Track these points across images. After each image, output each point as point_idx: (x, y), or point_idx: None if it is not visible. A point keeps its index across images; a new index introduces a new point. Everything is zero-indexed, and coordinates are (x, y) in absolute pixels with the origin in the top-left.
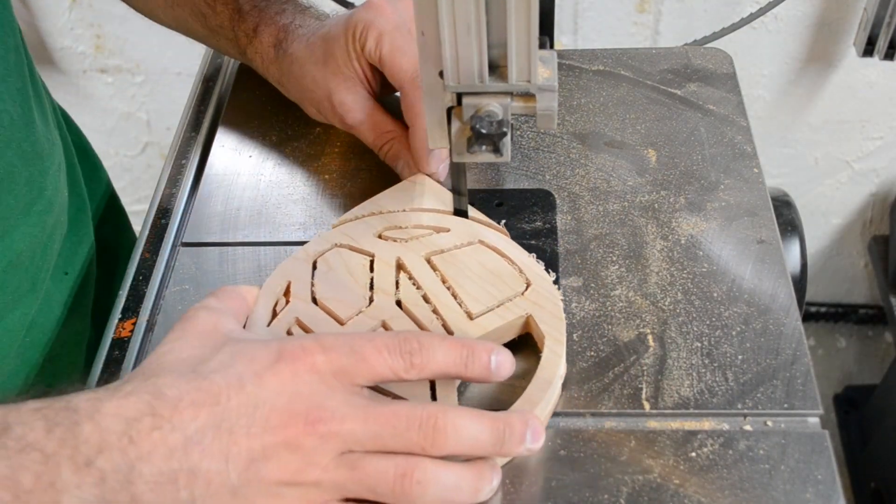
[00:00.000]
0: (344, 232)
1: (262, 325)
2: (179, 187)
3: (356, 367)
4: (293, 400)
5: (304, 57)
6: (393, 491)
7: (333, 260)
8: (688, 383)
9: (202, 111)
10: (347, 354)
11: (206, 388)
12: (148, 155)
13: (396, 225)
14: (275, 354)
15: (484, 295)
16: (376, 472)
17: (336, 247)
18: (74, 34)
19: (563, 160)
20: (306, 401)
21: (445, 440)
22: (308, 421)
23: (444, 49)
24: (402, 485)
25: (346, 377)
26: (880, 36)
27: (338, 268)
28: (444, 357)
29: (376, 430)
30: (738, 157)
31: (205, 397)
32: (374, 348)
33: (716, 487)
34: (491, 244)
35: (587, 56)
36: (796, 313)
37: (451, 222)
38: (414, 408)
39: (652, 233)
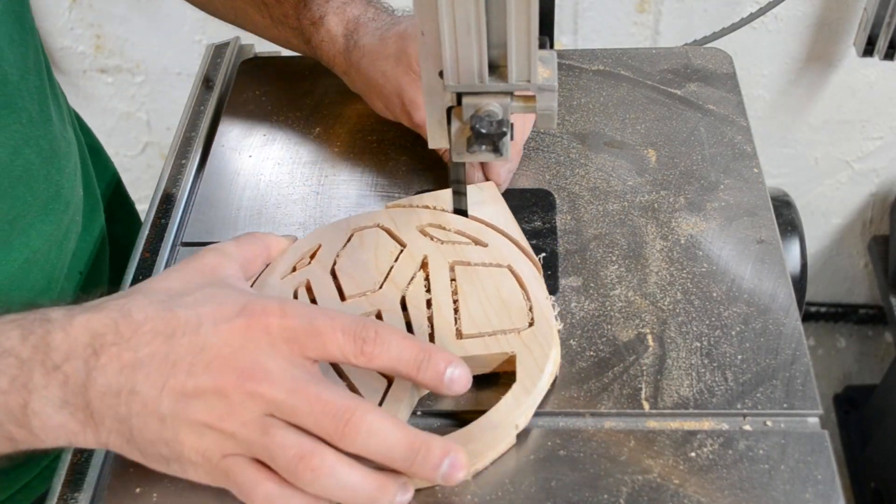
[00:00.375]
0: (391, 216)
1: (277, 276)
2: (179, 187)
3: (308, 339)
4: (237, 353)
5: (377, 51)
6: (287, 468)
7: (368, 238)
8: (687, 383)
9: (202, 111)
10: (304, 325)
11: (168, 319)
12: (148, 155)
13: (442, 224)
14: (239, 307)
15: (482, 319)
16: (281, 445)
17: (377, 227)
18: (74, 34)
19: (563, 160)
20: (248, 357)
21: (355, 438)
22: (241, 375)
23: (444, 49)
24: (297, 466)
25: (297, 347)
26: (880, 36)
27: (368, 247)
28: (397, 353)
29: (296, 404)
30: (738, 157)
31: (164, 327)
32: (331, 326)
33: (715, 487)
34: (518, 273)
35: (587, 56)
36: (796, 313)
37: (493, 239)
38: (339, 397)
39: (652, 233)
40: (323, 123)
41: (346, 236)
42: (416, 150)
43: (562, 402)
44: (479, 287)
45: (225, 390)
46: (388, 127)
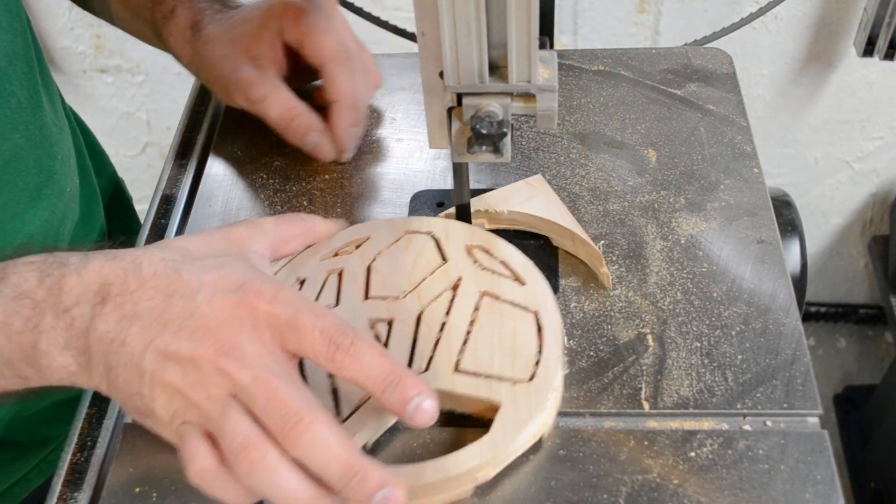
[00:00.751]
0: (447, 226)
1: (318, 257)
2: (179, 187)
3: (287, 331)
4: (222, 327)
5: (217, 37)
6: (230, 453)
7: (415, 244)
8: (687, 383)
9: (202, 111)
10: (287, 316)
11: (172, 279)
12: (148, 155)
13: (490, 250)
14: (239, 283)
15: (486, 359)
16: (231, 429)
17: (429, 234)
18: (74, 34)
19: (563, 160)
20: (230, 334)
21: (296, 443)
22: (218, 351)
23: (444, 49)
24: (239, 455)
25: (278, 336)
26: (880, 36)
27: (411, 253)
28: (367, 368)
29: (256, 393)
30: (738, 157)
31: (166, 286)
32: (312, 325)
33: (715, 487)
34: (541, 322)
35: (587, 56)
36: (796, 313)
37: (534, 280)
38: (296, 399)
39: (652, 233)
40: None
41: (397, 236)
42: (417, 150)
43: (562, 402)
44: (498, 325)
45: (200, 361)
46: (388, 127)
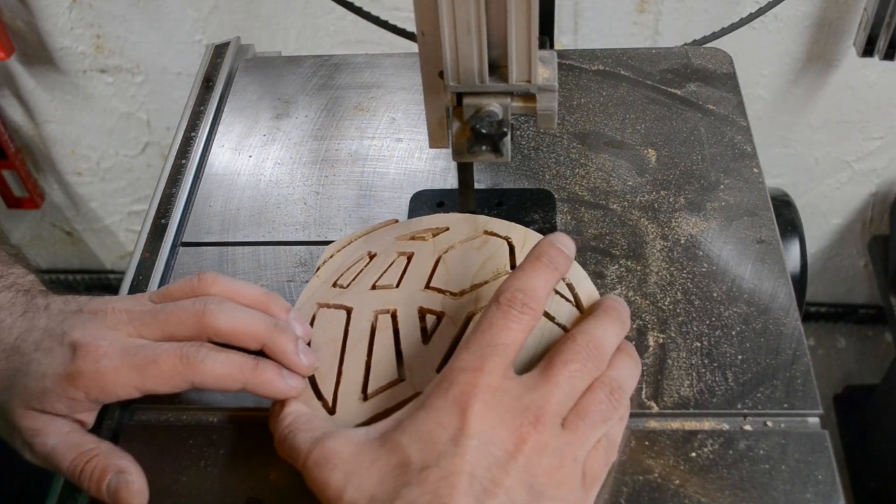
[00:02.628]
0: (523, 236)
1: (393, 236)
2: (179, 187)
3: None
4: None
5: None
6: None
7: (490, 246)
8: (688, 383)
9: (202, 111)
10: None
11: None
12: (148, 155)
13: (566, 277)
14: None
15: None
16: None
17: (506, 240)
18: (74, 34)
19: (563, 160)
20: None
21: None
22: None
23: (445, 49)
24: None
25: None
26: (880, 36)
27: (483, 254)
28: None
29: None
30: (738, 157)
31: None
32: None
33: (716, 487)
34: None
35: (587, 56)
36: (796, 313)
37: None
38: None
39: (652, 233)
40: (323, 123)
41: (475, 234)
42: (417, 150)
43: None
44: (539, 344)
45: (100, 310)
46: (388, 127)
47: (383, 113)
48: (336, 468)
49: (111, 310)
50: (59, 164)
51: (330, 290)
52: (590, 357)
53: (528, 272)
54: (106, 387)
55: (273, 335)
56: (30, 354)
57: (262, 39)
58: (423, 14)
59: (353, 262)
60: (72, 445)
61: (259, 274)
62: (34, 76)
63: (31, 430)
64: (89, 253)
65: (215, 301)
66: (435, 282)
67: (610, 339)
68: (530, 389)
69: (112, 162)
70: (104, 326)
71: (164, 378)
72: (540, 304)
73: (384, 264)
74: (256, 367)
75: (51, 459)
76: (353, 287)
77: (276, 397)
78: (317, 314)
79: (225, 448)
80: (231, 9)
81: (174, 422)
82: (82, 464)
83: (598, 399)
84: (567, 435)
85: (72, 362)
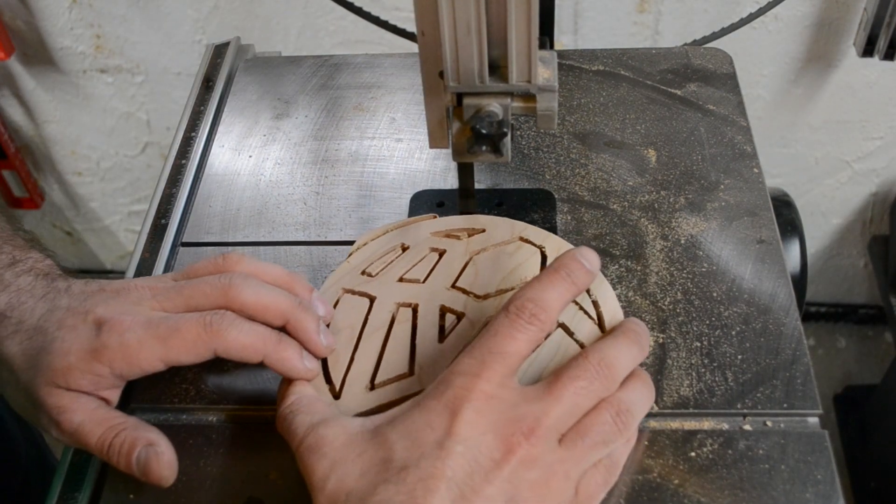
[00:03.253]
0: (558, 247)
1: (428, 231)
2: (179, 187)
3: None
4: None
5: (19, 363)
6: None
7: (522, 253)
8: (687, 383)
9: (202, 111)
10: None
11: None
12: (148, 155)
13: (591, 291)
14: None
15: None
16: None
17: (539, 249)
18: (74, 34)
19: (563, 160)
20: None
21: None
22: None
23: (445, 49)
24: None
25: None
26: (880, 36)
27: (515, 260)
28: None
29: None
30: (738, 157)
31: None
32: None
33: (715, 487)
34: None
35: (587, 56)
36: (796, 313)
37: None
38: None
39: (652, 233)
40: (323, 123)
41: (510, 239)
42: (417, 150)
43: None
44: (554, 357)
45: (123, 288)
46: (388, 127)
47: (383, 113)
48: (325, 456)
49: (134, 287)
50: (59, 164)
51: (358, 276)
52: (598, 376)
53: (543, 283)
54: (131, 360)
55: (296, 312)
56: (53, 333)
57: (262, 39)
58: (423, 14)
59: (384, 251)
60: (99, 421)
61: None
62: (34, 76)
63: (56, 407)
64: (89, 253)
65: (240, 276)
66: (461, 282)
67: (624, 361)
68: (529, 401)
69: (112, 162)
70: (128, 302)
71: (187, 347)
72: (550, 316)
73: (415, 258)
74: (280, 341)
75: (77, 436)
76: (381, 277)
77: (290, 376)
78: (340, 299)
79: (225, 448)
80: (231, 9)
81: (174, 422)
82: (110, 438)
83: (602, 419)
84: (562, 451)
85: (96, 337)
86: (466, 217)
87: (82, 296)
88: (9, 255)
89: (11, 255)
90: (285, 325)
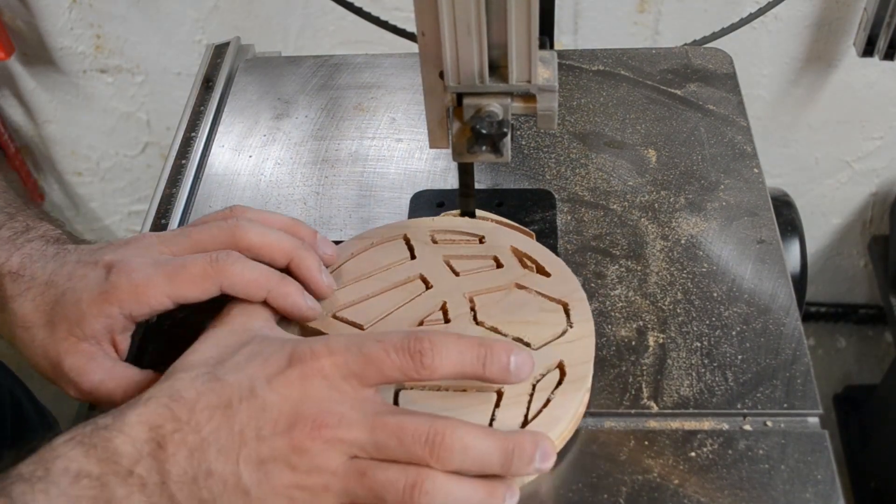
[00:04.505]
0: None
1: (427, 234)
2: (179, 187)
3: (364, 369)
4: (300, 404)
5: (29, 319)
6: (403, 501)
7: (521, 299)
8: (687, 383)
9: (202, 111)
10: (355, 356)
11: (220, 390)
12: (148, 155)
13: None
14: (286, 358)
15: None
16: (386, 481)
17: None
18: (74, 34)
19: (563, 160)
20: (314, 405)
21: (451, 456)
22: (314, 425)
23: (445, 49)
24: (412, 495)
25: (356, 379)
26: (880, 36)
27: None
28: (458, 357)
29: (382, 439)
30: (738, 157)
31: (218, 399)
32: (383, 349)
33: (715, 487)
34: None
35: (587, 56)
36: (796, 313)
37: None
38: (422, 421)
39: (652, 233)
40: (323, 123)
41: (507, 285)
42: (417, 150)
43: None
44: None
45: (302, 445)
46: (388, 127)
47: (383, 113)
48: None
49: (142, 236)
50: (59, 164)
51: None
52: (429, 443)
53: (462, 343)
54: (140, 297)
55: (299, 251)
56: (64, 285)
57: (262, 39)
58: (423, 14)
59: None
60: (119, 378)
61: None
62: (34, 76)
63: (75, 368)
64: None
65: (246, 219)
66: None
67: (473, 454)
68: (353, 410)
69: (112, 162)
70: (136, 248)
71: (194, 282)
72: (436, 372)
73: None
74: (283, 279)
75: (97, 394)
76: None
77: (292, 313)
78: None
79: None
80: (231, 9)
81: None
82: (133, 394)
83: (392, 480)
84: (342, 469)
85: (106, 280)
86: (470, 221)
87: (91, 250)
88: (23, 223)
89: (25, 223)
90: (289, 263)
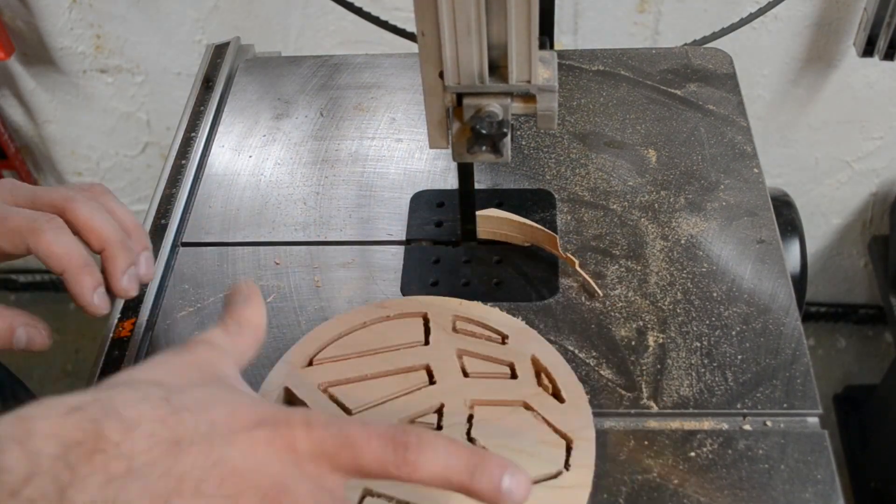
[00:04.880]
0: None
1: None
2: (179, 187)
3: (340, 450)
4: (256, 472)
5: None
6: None
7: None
8: (687, 383)
9: (202, 111)
10: (332, 436)
11: (171, 421)
12: (148, 155)
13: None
14: (257, 416)
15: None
16: None
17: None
18: (74, 34)
19: (563, 160)
20: (269, 477)
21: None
22: (263, 499)
23: (445, 49)
24: None
25: (326, 462)
26: (880, 36)
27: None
28: (446, 460)
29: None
30: (738, 157)
31: (166, 431)
32: (365, 434)
33: (715, 487)
34: None
35: (587, 56)
36: (796, 313)
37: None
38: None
39: (652, 233)
40: (323, 123)
41: (515, 401)
42: (417, 150)
43: None
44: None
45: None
46: (388, 127)
47: (383, 113)
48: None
49: (5, 181)
50: (59, 164)
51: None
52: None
53: (457, 450)
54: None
55: (115, 246)
56: None
57: (262, 39)
58: (423, 14)
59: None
60: None
61: (259, 274)
62: (34, 76)
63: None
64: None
65: (88, 197)
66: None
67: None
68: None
69: (112, 162)
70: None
71: (7, 234)
72: (421, 474)
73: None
74: (84, 266)
75: None
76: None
77: (77, 302)
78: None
79: None
80: (231, 9)
81: None
82: None
83: None
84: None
85: None
86: (500, 314)
87: None
88: None
89: None
90: (102, 252)
